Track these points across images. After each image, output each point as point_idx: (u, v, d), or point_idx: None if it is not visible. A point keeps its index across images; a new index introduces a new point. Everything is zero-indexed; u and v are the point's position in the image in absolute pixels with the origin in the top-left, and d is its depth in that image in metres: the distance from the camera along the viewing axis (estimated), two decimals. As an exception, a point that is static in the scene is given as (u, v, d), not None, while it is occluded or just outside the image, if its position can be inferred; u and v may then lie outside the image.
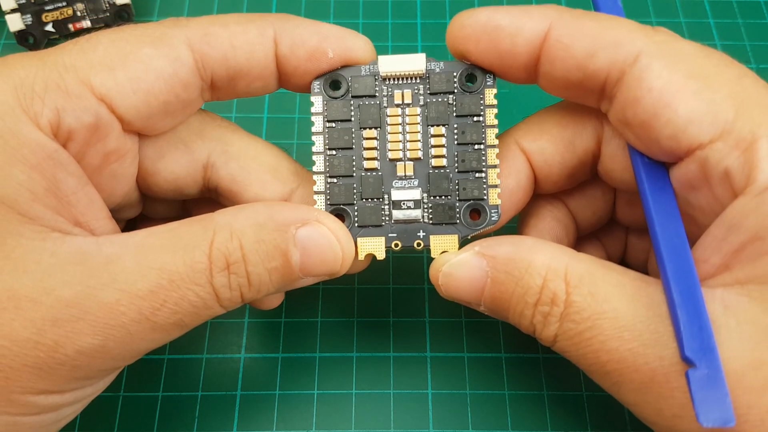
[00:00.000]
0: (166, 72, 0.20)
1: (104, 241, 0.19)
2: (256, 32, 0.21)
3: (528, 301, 0.19)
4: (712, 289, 0.18)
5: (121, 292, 0.18)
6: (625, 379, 0.19)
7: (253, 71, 0.21)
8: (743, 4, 0.37)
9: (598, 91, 0.20)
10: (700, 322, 0.17)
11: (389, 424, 0.27)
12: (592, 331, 0.19)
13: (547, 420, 0.27)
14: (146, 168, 0.22)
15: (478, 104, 0.22)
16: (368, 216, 0.22)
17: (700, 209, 0.20)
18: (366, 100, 0.22)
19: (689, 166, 0.19)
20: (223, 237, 0.19)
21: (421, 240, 0.22)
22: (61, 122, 0.19)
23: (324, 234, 0.20)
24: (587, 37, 0.20)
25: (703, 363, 0.17)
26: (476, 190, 0.22)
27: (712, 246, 0.19)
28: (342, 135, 0.22)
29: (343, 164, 0.22)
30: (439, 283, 0.21)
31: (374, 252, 0.22)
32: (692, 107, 0.18)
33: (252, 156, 0.23)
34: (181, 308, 0.19)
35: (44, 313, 0.18)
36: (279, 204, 0.21)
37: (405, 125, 0.22)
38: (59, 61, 0.19)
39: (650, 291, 0.19)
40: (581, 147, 0.22)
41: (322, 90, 0.22)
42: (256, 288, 0.20)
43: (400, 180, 0.22)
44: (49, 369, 0.18)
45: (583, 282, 0.19)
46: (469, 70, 0.22)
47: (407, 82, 0.22)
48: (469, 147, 0.22)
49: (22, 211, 0.18)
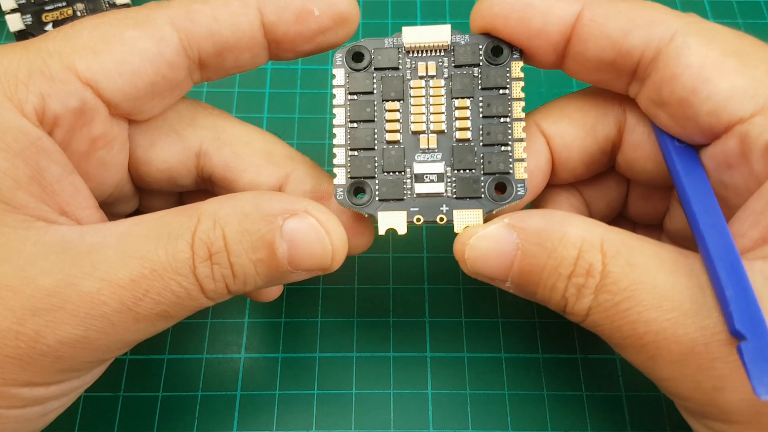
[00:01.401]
0: (151, 52, 0.20)
1: (88, 230, 0.19)
2: (239, 3, 0.21)
3: (561, 273, 0.19)
4: (752, 261, 0.18)
5: (102, 281, 0.18)
6: (662, 351, 0.18)
7: (240, 43, 0.21)
8: (743, 4, 0.37)
9: (630, 72, 0.20)
10: (747, 296, 0.17)
11: (389, 424, 0.27)
12: (629, 302, 0.18)
13: (547, 420, 0.27)
14: (138, 157, 0.22)
15: (504, 77, 0.21)
16: (390, 190, 0.21)
17: (734, 189, 0.20)
18: (389, 73, 0.22)
19: (728, 142, 0.19)
20: (206, 225, 0.19)
21: (444, 215, 0.21)
22: (47, 108, 0.19)
23: (313, 225, 0.19)
24: (622, 17, 0.20)
25: (753, 336, 0.17)
26: (502, 164, 0.21)
27: (751, 220, 0.18)
28: (364, 107, 0.22)
29: (364, 137, 0.21)
30: (465, 257, 0.20)
31: (395, 227, 0.21)
32: (732, 82, 0.19)
33: (245, 141, 0.23)
34: (165, 299, 0.18)
35: (24, 303, 0.17)
36: (268, 193, 0.20)
37: (429, 97, 0.22)
38: (43, 47, 0.19)
39: (689, 263, 0.19)
40: (602, 134, 0.22)
41: (344, 62, 0.22)
42: (242, 280, 0.19)
43: (423, 153, 0.22)
44: (31, 360, 0.18)
45: (621, 253, 0.19)
46: (495, 43, 0.21)
47: (431, 54, 0.22)
48: (495, 120, 0.21)
49: (5, 199, 0.18)
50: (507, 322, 0.29)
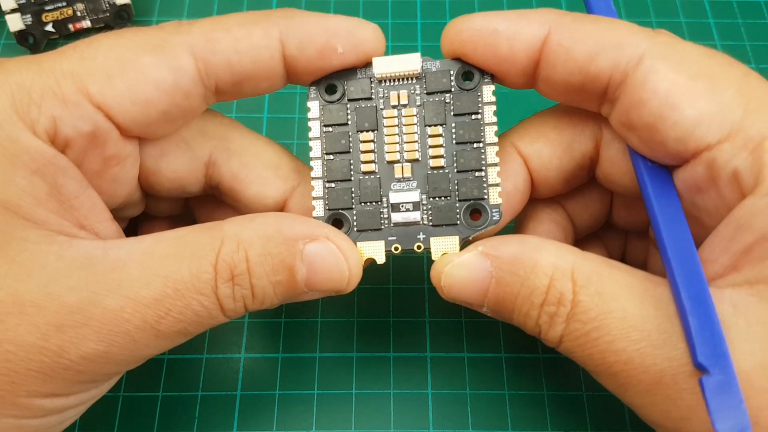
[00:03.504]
0: (167, 82, 0.19)
1: (111, 246, 0.19)
2: (261, 34, 0.20)
3: (534, 301, 0.19)
4: (721, 289, 0.18)
5: (126, 299, 0.18)
6: (632, 380, 0.18)
7: (260, 74, 0.21)
8: (743, 4, 0.37)
9: (600, 94, 0.20)
10: (712, 327, 0.17)
11: (389, 424, 0.27)
12: (599, 332, 0.18)
13: (547, 420, 0.27)
14: (148, 167, 0.22)
15: (475, 102, 0.21)
16: (367, 220, 0.22)
17: (705, 211, 0.19)
18: (362, 103, 0.22)
19: (696, 168, 0.19)
20: (229, 248, 0.19)
21: (422, 242, 0.21)
22: (58, 130, 0.18)
23: (332, 251, 0.20)
24: (588, 40, 0.19)
25: (716, 369, 0.16)
26: (476, 190, 0.21)
27: (720, 246, 0.18)
28: (339, 139, 0.22)
29: (340, 168, 0.22)
30: (441, 284, 0.21)
31: (374, 256, 0.22)
32: (699, 108, 0.18)
33: (253, 153, 0.23)
34: (186, 317, 0.19)
35: (49, 319, 0.17)
36: (289, 217, 0.20)
37: (402, 126, 0.22)
38: (57, 67, 0.19)
39: (658, 291, 0.19)
40: (579, 151, 0.22)
41: (318, 95, 0.22)
42: (260, 300, 0.20)
43: (399, 182, 0.22)
44: (53, 373, 0.18)
45: (591, 281, 0.19)
46: (466, 68, 0.21)
47: (403, 82, 0.22)
48: (468, 146, 0.21)
49: (26, 215, 0.18)
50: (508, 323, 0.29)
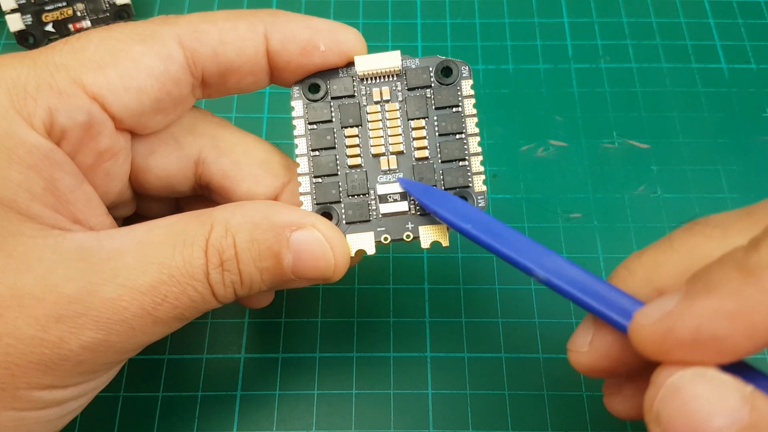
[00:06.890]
0: (158, 69, 0.20)
1: (105, 236, 0.19)
2: (246, 28, 0.21)
3: None
4: None
5: (123, 287, 0.18)
6: None
7: (244, 67, 0.21)
8: (743, 4, 0.37)
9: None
10: None
11: (389, 424, 0.27)
12: None
13: (547, 420, 0.27)
14: (138, 165, 0.22)
15: (455, 95, 0.22)
16: (355, 212, 0.22)
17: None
18: (345, 101, 0.22)
19: None
20: (218, 233, 0.19)
21: (410, 232, 0.22)
22: (54, 122, 0.19)
23: (318, 239, 0.20)
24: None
25: None
26: (461, 178, 0.22)
27: None
28: (324, 135, 0.22)
29: (326, 163, 0.22)
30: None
31: (364, 247, 0.22)
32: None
33: (243, 151, 0.23)
34: (182, 303, 0.19)
35: (48, 310, 0.18)
36: (278, 205, 0.21)
37: (385, 121, 0.22)
38: (50, 60, 0.19)
39: None
40: None
41: (302, 94, 0.22)
42: (248, 286, 0.20)
43: (385, 174, 0.22)
44: (54, 365, 0.18)
45: None
46: (445, 64, 0.22)
47: (385, 80, 0.22)
48: (450, 137, 0.22)
49: (21, 210, 0.18)
50: (507, 323, 0.29)
